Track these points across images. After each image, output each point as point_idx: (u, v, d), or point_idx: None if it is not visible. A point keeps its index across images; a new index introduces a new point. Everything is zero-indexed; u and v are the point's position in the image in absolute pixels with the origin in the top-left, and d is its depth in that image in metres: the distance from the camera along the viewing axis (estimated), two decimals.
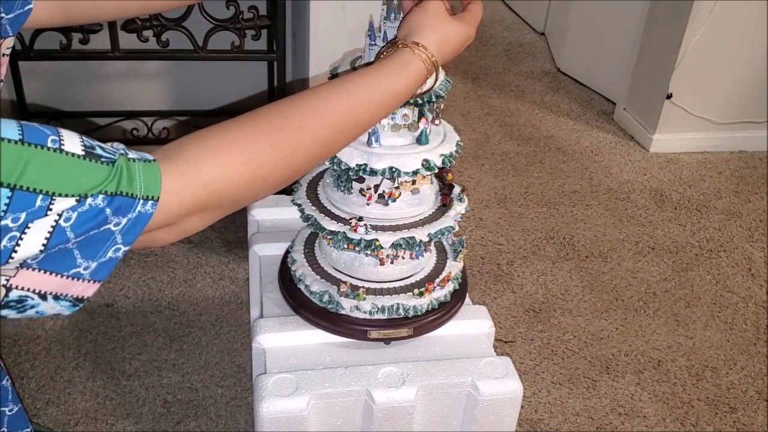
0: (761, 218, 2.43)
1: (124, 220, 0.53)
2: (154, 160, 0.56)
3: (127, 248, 0.54)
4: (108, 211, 0.52)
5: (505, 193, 2.45)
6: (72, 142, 0.51)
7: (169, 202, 0.55)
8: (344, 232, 0.92)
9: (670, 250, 2.24)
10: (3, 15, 0.71)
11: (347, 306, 0.97)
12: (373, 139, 0.89)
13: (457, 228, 0.98)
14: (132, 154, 0.55)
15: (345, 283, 0.98)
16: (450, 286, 1.03)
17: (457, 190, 1.02)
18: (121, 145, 0.56)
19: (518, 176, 2.55)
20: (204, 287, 1.94)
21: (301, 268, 1.03)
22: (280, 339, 0.99)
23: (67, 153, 0.50)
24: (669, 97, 2.62)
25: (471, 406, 0.97)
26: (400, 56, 0.75)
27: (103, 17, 0.85)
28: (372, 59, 0.88)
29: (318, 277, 1.01)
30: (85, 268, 0.53)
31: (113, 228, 0.53)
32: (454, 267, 1.05)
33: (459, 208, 1.00)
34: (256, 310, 1.17)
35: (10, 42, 0.74)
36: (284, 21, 1.86)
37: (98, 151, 0.53)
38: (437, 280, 1.01)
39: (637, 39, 2.79)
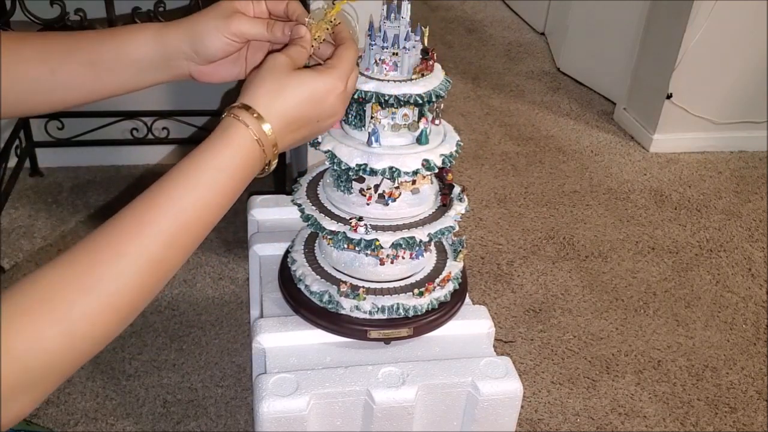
0: (761, 218, 2.43)
1: None
2: None
3: None
4: None
5: (505, 193, 2.45)
6: None
7: None
8: (344, 232, 0.92)
9: (670, 250, 2.24)
10: None
11: (347, 306, 0.97)
12: (373, 139, 0.89)
13: (457, 228, 0.98)
14: None
15: (345, 283, 0.98)
16: (450, 286, 1.03)
17: (457, 190, 1.02)
18: None
19: (518, 176, 2.55)
20: (204, 287, 1.94)
21: (301, 268, 1.03)
22: (280, 339, 0.99)
23: None
24: (669, 97, 2.62)
25: (471, 406, 0.97)
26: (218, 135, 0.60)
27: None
28: (372, 60, 0.88)
29: (318, 277, 1.01)
30: None
31: None
32: (454, 267, 1.05)
33: (459, 208, 1.00)
34: (256, 310, 1.17)
35: None
36: None
37: None
38: (437, 280, 1.01)
39: (637, 39, 2.79)
